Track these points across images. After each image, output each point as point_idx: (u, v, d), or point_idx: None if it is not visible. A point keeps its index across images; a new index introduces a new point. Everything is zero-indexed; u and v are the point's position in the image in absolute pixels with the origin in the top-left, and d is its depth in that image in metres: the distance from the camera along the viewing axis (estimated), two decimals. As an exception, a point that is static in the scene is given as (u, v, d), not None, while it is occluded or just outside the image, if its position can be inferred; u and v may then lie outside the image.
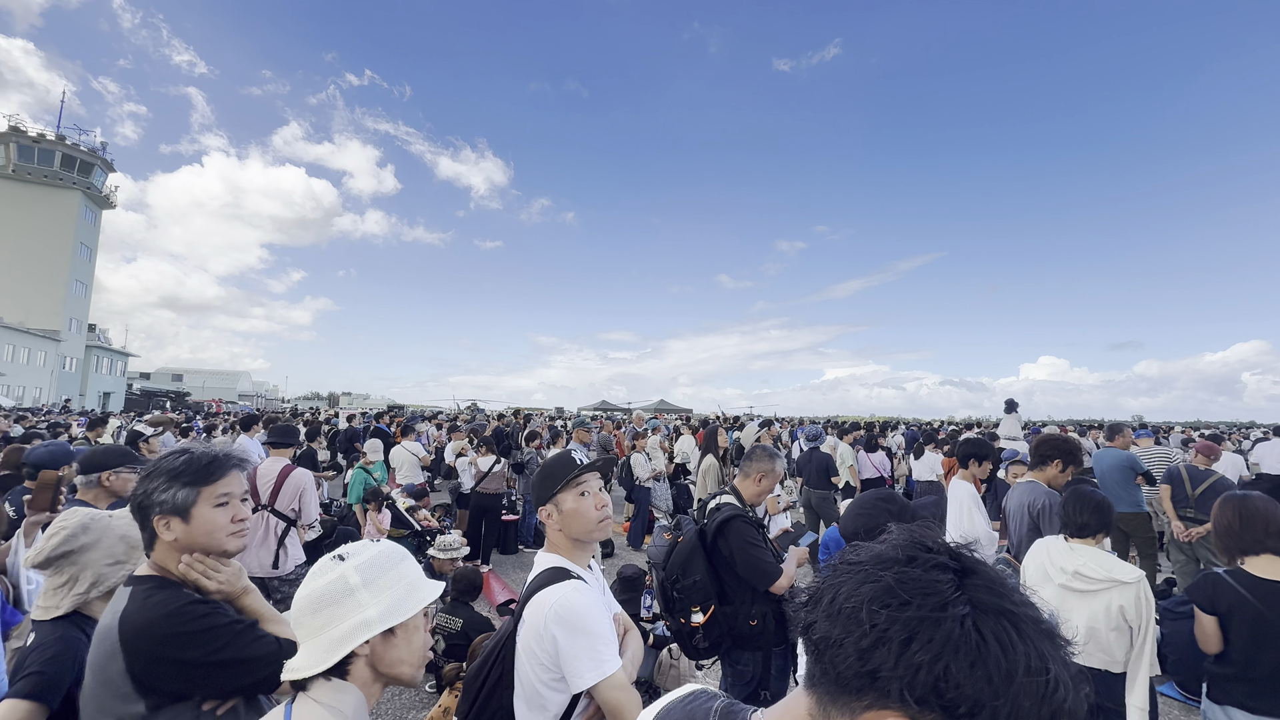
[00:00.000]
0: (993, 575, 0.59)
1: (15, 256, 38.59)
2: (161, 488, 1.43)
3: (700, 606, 2.56)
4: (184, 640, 1.32)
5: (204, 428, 12.72)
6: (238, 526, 1.50)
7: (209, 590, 1.45)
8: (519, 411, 17.55)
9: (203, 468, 1.47)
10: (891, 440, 13.16)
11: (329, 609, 1.09)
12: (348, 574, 1.11)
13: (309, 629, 1.10)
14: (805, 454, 7.65)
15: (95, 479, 2.74)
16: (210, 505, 1.46)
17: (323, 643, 1.08)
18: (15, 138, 39.16)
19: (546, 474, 1.65)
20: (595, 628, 1.41)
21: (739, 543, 2.57)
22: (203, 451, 1.52)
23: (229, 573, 1.48)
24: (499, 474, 7.16)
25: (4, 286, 37.93)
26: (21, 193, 39.16)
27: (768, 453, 2.91)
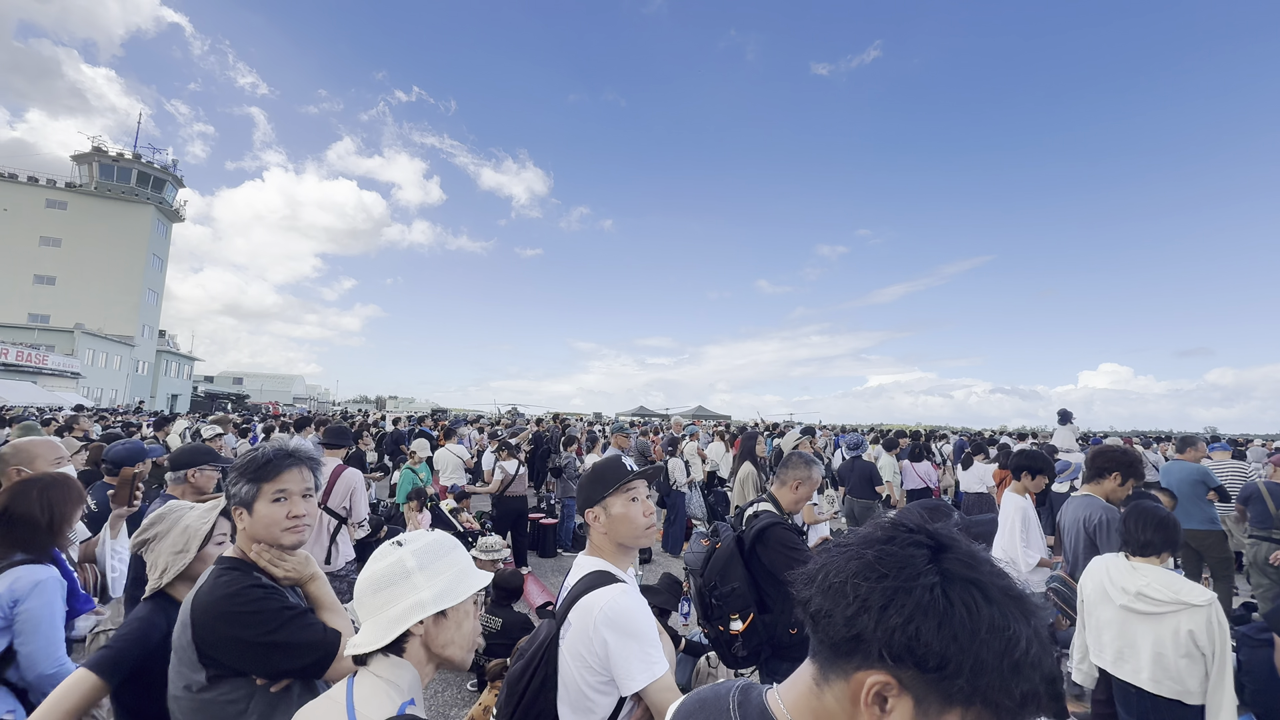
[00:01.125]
0: (966, 551, 0.66)
1: (95, 267, 41.62)
2: (233, 482, 1.57)
3: (739, 614, 2.54)
4: (238, 619, 1.41)
5: (263, 429, 13.34)
6: (293, 522, 1.56)
7: (277, 577, 1.54)
8: (557, 417, 17.75)
9: (262, 465, 1.57)
10: (940, 450, 12.68)
11: (387, 590, 1.17)
12: (405, 558, 1.19)
13: (369, 608, 1.18)
14: (847, 463, 7.49)
15: (183, 475, 2.99)
16: (268, 500, 1.55)
17: (381, 621, 1.15)
18: (97, 157, 42.37)
19: (596, 477, 1.66)
20: (645, 631, 1.43)
21: (778, 550, 2.54)
22: (267, 449, 1.61)
23: (294, 561, 1.57)
24: (524, 478, 7.26)
25: (85, 295, 40.93)
26: (101, 208, 42.27)
27: (804, 459, 2.87)
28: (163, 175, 44.84)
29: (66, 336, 35.77)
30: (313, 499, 1.66)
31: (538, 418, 22.72)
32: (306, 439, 8.10)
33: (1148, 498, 3.81)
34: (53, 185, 41.96)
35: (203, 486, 3.02)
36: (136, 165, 43.21)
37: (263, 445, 1.68)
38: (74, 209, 41.88)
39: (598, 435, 11.82)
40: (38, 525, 2.02)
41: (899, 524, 0.71)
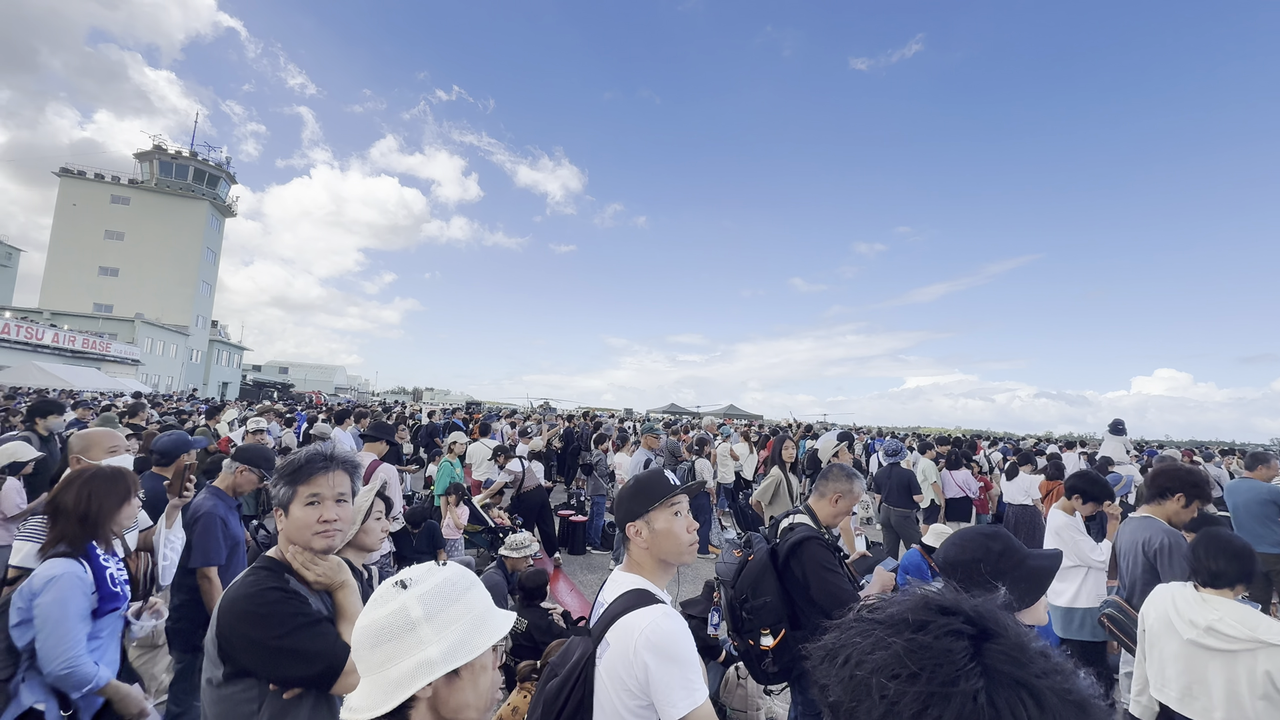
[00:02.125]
0: (1015, 641, 0.55)
1: (154, 259, 43.81)
2: (275, 483, 1.59)
3: (770, 629, 2.48)
4: (253, 620, 1.43)
5: (307, 419, 13.80)
6: (323, 527, 1.57)
7: (308, 580, 1.55)
8: (588, 414, 17.81)
9: (297, 469, 1.58)
10: (988, 457, 12.22)
11: (388, 644, 0.98)
12: (409, 605, 0.99)
13: (368, 664, 0.99)
14: (884, 469, 7.28)
15: (234, 468, 3.08)
16: (302, 504, 1.57)
17: (382, 682, 0.97)
18: (158, 155, 44.58)
19: (639, 490, 1.62)
20: (687, 656, 1.39)
21: (813, 566, 2.46)
22: (303, 453, 1.62)
23: (326, 567, 1.57)
24: (534, 472, 7.36)
25: (145, 286, 43.12)
26: (160, 203, 44.44)
27: (846, 473, 2.77)
28: (217, 172, 46.90)
29: (128, 325, 37.76)
30: (347, 504, 1.66)
31: (569, 413, 22.88)
32: (346, 430, 8.33)
33: (1214, 522, 3.57)
34: (117, 182, 44.30)
35: (242, 486, 3.11)
36: (193, 163, 45.31)
37: (302, 448, 1.69)
38: (136, 204, 44.16)
39: (628, 433, 11.82)
40: (76, 518, 2.07)
41: (933, 604, 0.59)
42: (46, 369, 23.83)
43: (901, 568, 5.36)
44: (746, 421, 24.60)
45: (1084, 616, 3.53)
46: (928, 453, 8.56)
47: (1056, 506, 3.81)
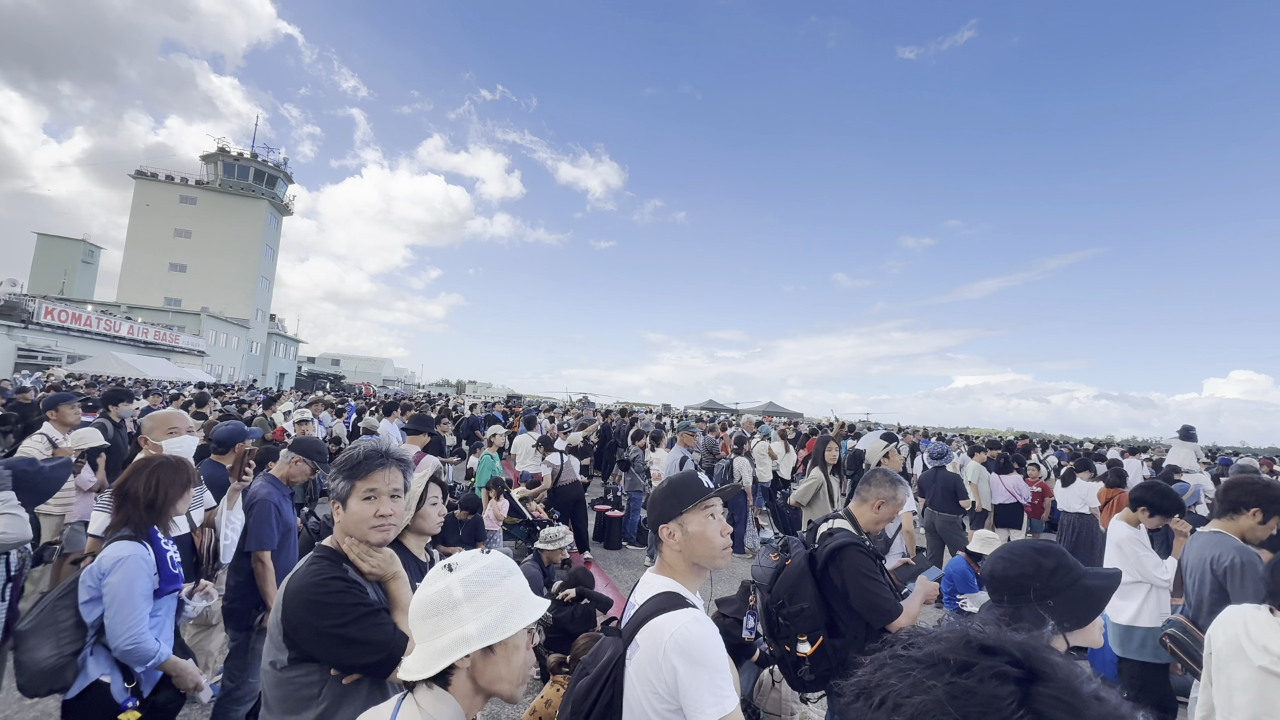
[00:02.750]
0: (1066, 684, 0.50)
1: (218, 256, 46.30)
2: (333, 477, 1.66)
3: (807, 636, 2.43)
4: (317, 608, 1.48)
5: (357, 410, 14.33)
6: (379, 521, 1.62)
7: (363, 571, 1.60)
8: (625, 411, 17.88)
9: (355, 464, 1.64)
10: (1043, 461, 11.66)
11: (434, 618, 1.12)
12: (453, 586, 1.13)
13: (419, 633, 1.14)
14: (929, 472, 7.05)
15: (290, 458, 3.24)
16: (360, 498, 1.62)
17: (429, 650, 1.11)
18: (221, 157, 47.10)
19: (672, 492, 1.61)
20: (717, 662, 1.38)
21: (853, 574, 2.40)
22: (360, 449, 1.68)
23: (379, 559, 1.63)
24: (571, 467, 7.40)
25: (210, 281, 45.64)
26: (223, 203, 46.94)
27: (890, 478, 2.69)
28: (275, 173, 49.20)
29: (194, 318, 40.02)
30: (400, 499, 1.71)
31: (606, 408, 23.03)
32: (393, 423, 8.61)
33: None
34: (185, 183, 46.99)
35: (295, 476, 3.27)
36: (254, 164, 47.69)
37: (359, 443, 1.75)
38: (202, 204, 46.74)
39: (664, 430, 11.81)
40: (143, 504, 2.21)
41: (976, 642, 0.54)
42: (123, 359, 25.54)
43: (946, 575, 5.19)
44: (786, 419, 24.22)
45: (1145, 636, 3.34)
46: (976, 455, 8.25)
47: (1119, 518, 3.61)
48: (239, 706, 2.94)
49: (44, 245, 48.37)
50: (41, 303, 28.39)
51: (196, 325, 39.60)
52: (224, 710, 2.93)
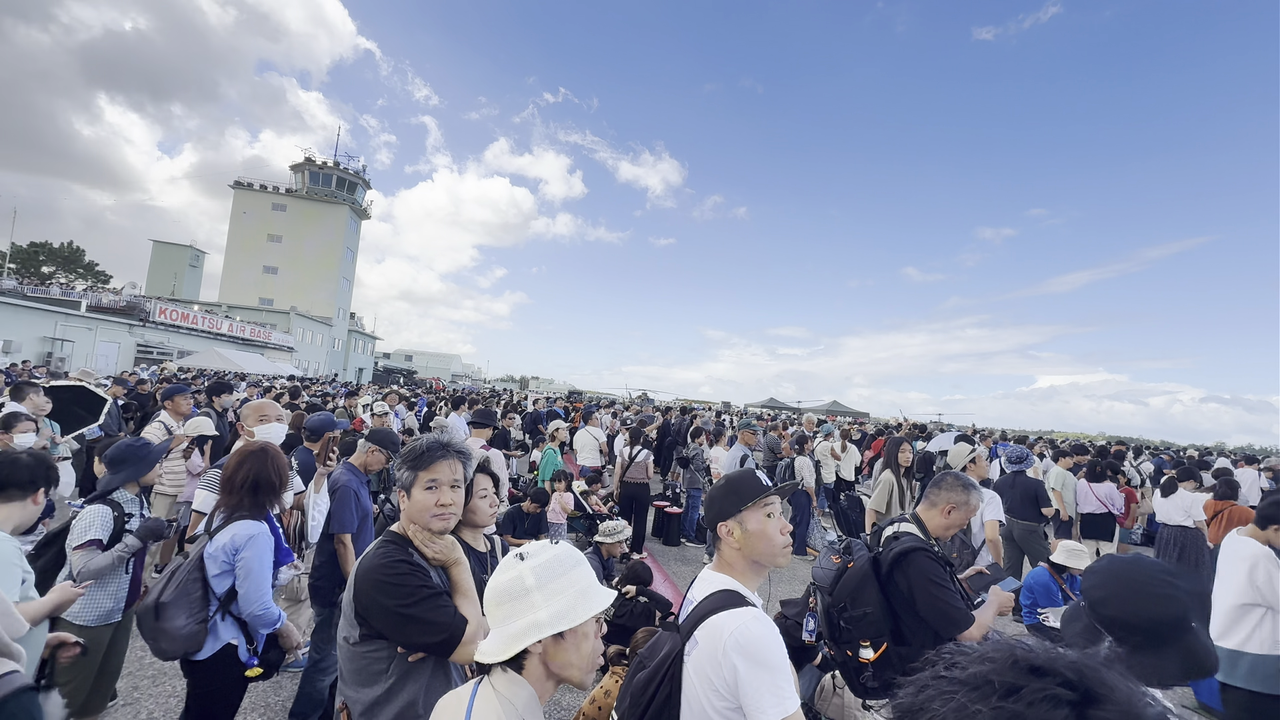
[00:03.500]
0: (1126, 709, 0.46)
1: (305, 259, 49.82)
2: (398, 466, 1.76)
3: (870, 643, 2.35)
4: (383, 587, 1.58)
5: (427, 403, 15.05)
6: (440, 510, 1.70)
7: (427, 556, 1.69)
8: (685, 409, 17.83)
9: (419, 455, 1.73)
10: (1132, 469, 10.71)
11: (508, 604, 1.17)
12: (525, 575, 1.17)
13: (494, 618, 1.20)
14: (1007, 477, 6.63)
15: (367, 448, 3.48)
16: (422, 488, 1.71)
17: (503, 635, 1.16)
18: (308, 167, 50.65)
19: (731, 489, 1.60)
20: (778, 662, 1.36)
21: (920, 580, 2.30)
22: (423, 441, 1.77)
23: (441, 545, 1.71)
24: (641, 464, 7.39)
25: (297, 282, 49.17)
26: (309, 209, 50.44)
27: (961, 482, 2.55)
28: (355, 180, 52.40)
29: (284, 317, 43.21)
30: (461, 489, 1.78)
31: (665, 405, 23.06)
32: (461, 416, 8.98)
33: None
34: (276, 191, 50.84)
35: (371, 465, 3.49)
36: (336, 172, 51.01)
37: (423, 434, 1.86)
38: (291, 210, 50.41)
39: (725, 427, 11.69)
40: (270, 489, 2.43)
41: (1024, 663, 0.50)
42: (224, 354, 27.97)
43: (1026, 587, 4.87)
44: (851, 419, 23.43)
45: (1255, 663, 3.01)
46: (1061, 461, 7.69)
47: (1241, 533, 3.24)
48: (324, 677, 3.16)
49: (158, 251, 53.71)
50: (156, 303, 31.49)
51: (286, 323, 42.76)
52: (310, 679, 3.17)
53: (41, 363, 22.20)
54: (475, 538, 2.08)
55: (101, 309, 28.99)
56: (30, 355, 23.32)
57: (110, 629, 2.70)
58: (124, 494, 2.78)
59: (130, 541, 2.66)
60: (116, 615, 2.70)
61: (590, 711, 3.05)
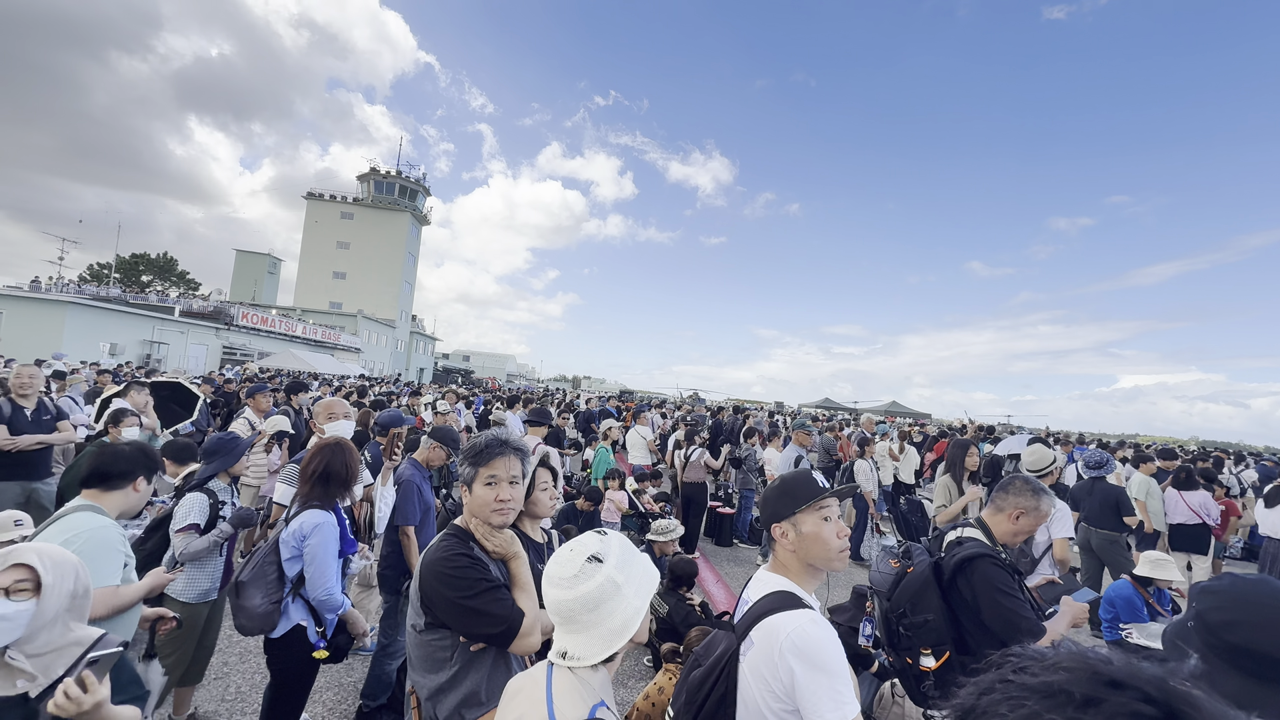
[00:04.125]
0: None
1: (370, 264, 52.41)
2: (460, 462, 1.85)
3: (932, 650, 2.28)
4: (445, 579, 1.66)
5: (484, 402, 15.56)
6: (499, 505, 1.77)
7: (487, 550, 1.77)
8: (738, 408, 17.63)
9: (479, 452, 1.81)
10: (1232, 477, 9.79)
11: (605, 605, 1.22)
12: (614, 575, 1.24)
13: (584, 624, 1.23)
14: (1084, 483, 6.23)
15: (429, 444, 3.66)
16: (482, 483, 1.78)
17: (602, 634, 1.21)
18: (373, 176, 53.33)
19: (786, 490, 1.59)
20: (836, 666, 1.34)
21: (986, 587, 2.21)
22: (484, 438, 1.85)
23: (501, 539, 1.78)
24: (697, 463, 7.35)
25: (364, 286, 51.77)
26: (374, 216, 53.06)
27: (1031, 487, 2.43)
28: (416, 188, 54.79)
29: (352, 320, 45.57)
30: (519, 485, 1.85)
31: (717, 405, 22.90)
32: (516, 414, 9.24)
33: None
34: (344, 201, 53.72)
35: (432, 460, 3.66)
36: (398, 181, 53.51)
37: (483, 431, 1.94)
38: (358, 218, 53.20)
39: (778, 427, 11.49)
40: (339, 481, 2.59)
41: (1104, 675, 0.46)
42: (299, 355, 29.76)
43: (1107, 600, 4.56)
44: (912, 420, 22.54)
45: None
46: (1143, 466, 7.16)
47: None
48: (391, 660, 3.34)
49: (240, 259, 57.73)
50: (239, 308, 33.87)
51: (354, 325, 45.09)
52: (379, 662, 3.35)
53: (141, 363, 24.29)
54: (534, 529, 2.15)
55: (192, 314, 31.45)
56: (132, 356, 25.57)
57: (207, 606, 2.96)
58: (218, 483, 3.04)
59: (224, 528, 2.90)
60: (213, 594, 2.96)
61: (644, 708, 3.08)
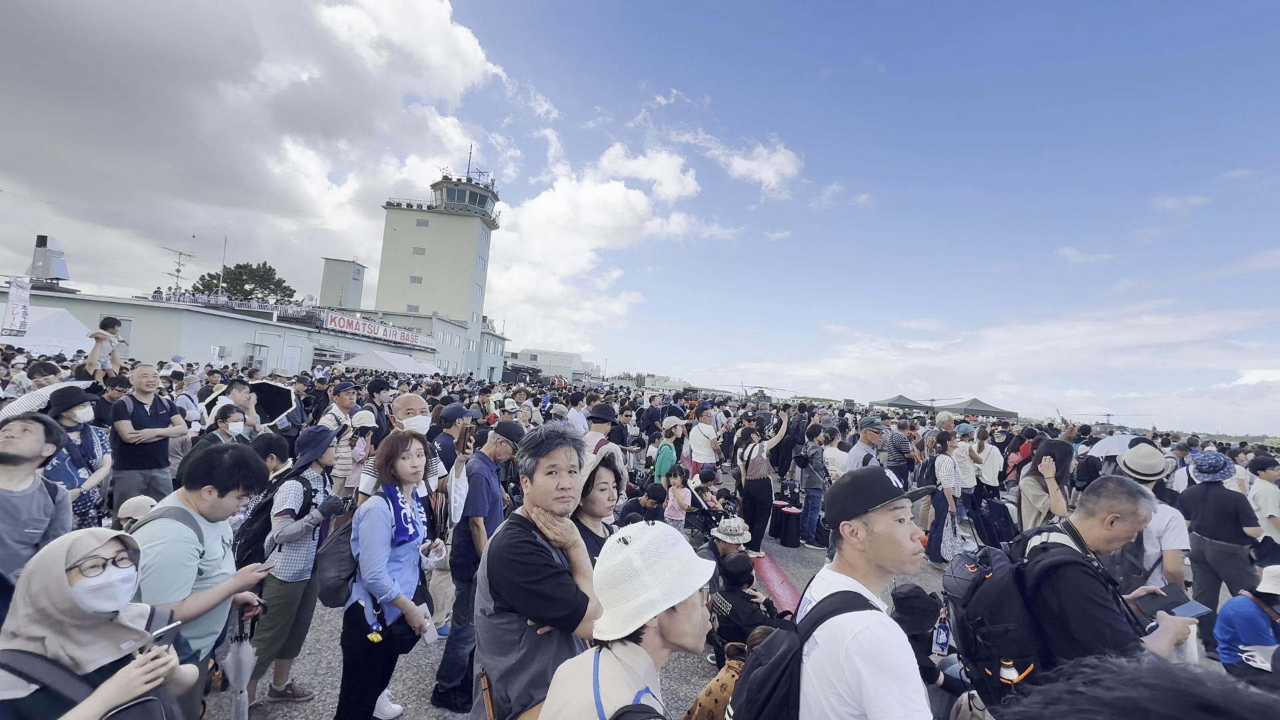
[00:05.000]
0: None
1: (443, 268, 55.04)
2: (520, 454, 1.92)
3: (1014, 662, 2.14)
4: (513, 565, 1.73)
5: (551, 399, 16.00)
6: (560, 493, 1.85)
7: (548, 537, 1.83)
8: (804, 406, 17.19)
9: (539, 443, 1.89)
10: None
11: (620, 586, 1.27)
12: (632, 557, 1.27)
13: (607, 600, 1.30)
14: (1197, 488, 5.64)
15: (496, 439, 3.82)
16: (543, 473, 1.86)
17: (620, 614, 1.26)
18: (445, 184, 56.03)
19: (857, 488, 1.55)
20: (906, 670, 1.29)
21: (1074, 597, 2.05)
22: (542, 430, 1.92)
23: (562, 527, 1.85)
24: (759, 461, 7.23)
25: (438, 289, 54.44)
26: (447, 223, 55.67)
27: (1127, 489, 2.23)
28: (485, 193, 57.07)
29: (428, 322, 47.98)
30: (577, 474, 1.92)
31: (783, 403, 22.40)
32: (579, 411, 9.43)
33: None
34: (420, 209, 56.67)
35: (499, 454, 3.81)
36: (468, 188, 55.93)
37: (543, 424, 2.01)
38: (432, 225, 56.01)
39: (848, 425, 11.13)
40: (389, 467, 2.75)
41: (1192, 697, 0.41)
42: (380, 355, 31.71)
43: (1223, 618, 4.11)
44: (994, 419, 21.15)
45: None
46: (1264, 472, 6.39)
47: None
48: (465, 645, 3.51)
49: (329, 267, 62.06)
50: (328, 312, 36.45)
51: (429, 327, 47.45)
52: (453, 646, 3.53)
53: (245, 364, 26.62)
54: (595, 525, 2.20)
55: (287, 319, 34.12)
56: (237, 358, 28.07)
57: (302, 585, 3.22)
58: (311, 473, 3.30)
59: (315, 514, 3.15)
60: (306, 575, 3.22)
61: (707, 703, 3.08)
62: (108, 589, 1.44)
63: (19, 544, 2.38)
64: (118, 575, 1.48)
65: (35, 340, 16.11)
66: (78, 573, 1.42)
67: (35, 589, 1.40)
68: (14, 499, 2.44)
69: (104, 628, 1.48)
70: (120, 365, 5.90)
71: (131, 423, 4.90)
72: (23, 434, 2.53)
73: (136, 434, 4.90)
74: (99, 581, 1.43)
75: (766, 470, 7.34)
